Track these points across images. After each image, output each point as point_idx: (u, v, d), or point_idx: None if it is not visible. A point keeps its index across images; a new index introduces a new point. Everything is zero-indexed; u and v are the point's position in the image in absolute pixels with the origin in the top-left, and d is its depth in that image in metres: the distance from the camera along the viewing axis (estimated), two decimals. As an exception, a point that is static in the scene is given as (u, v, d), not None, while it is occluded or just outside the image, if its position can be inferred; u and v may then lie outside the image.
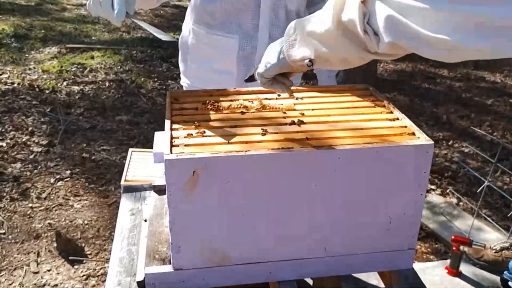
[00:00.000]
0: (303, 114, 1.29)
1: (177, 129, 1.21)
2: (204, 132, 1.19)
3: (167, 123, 1.23)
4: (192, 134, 1.18)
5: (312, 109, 1.32)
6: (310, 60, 0.97)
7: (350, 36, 0.87)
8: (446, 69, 5.53)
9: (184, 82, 1.92)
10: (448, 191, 3.30)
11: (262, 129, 1.20)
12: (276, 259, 1.22)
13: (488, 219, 2.79)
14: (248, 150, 1.10)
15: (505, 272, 2.25)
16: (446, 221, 2.92)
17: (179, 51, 1.92)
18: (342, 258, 1.25)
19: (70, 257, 2.59)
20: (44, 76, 4.76)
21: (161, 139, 1.18)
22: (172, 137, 1.17)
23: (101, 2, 1.28)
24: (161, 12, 7.20)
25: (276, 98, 1.39)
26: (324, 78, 1.94)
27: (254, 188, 1.12)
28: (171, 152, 1.10)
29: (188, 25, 1.85)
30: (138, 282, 1.25)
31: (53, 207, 3.02)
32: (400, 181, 1.17)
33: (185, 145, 1.14)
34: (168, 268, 1.21)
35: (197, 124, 1.23)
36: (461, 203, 3.16)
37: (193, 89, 1.45)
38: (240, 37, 1.71)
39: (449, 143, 3.90)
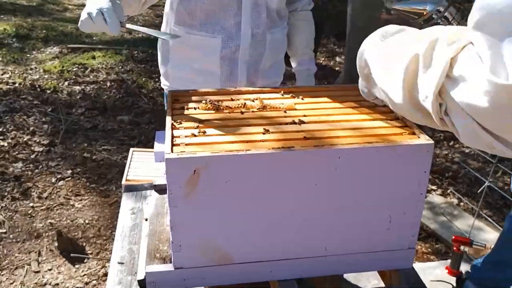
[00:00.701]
0: (304, 114, 1.29)
1: (178, 128, 1.21)
2: (205, 131, 1.20)
3: (168, 122, 1.23)
4: (193, 134, 1.18)
5: (313, 109, 1.33)
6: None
7: (425, 113, 0.87)
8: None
9: (165, 84, 1.90)
10: (448, 191, 3.31)
11: (264, 128, 1.20)
12: (277, 258, 1.22)
13: (489, 219, 2.79)
14: (248, 150, 1.10)
15: (467, 270, 2.25)
16: (447, 221, 2.92)
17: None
18: (342, 258, 1.25)
19: (72, 254, 2.60)
20: (46, 76, 4.76)
21: (162, 138, 1.18)
22: (173, 136, 1.17)
23: (93, 18, 1.29)
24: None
25: (277, 98, 1.40)
26: (302, 78, 1.94)
27: (254, 187, 1.12)
28: (172, 151, 1.10)
29: (168, 26, 1.83)
30: (139, 281, 1.25)
31: (54, 206, 3.03)
32: (400, 181, 1.17)
33: (186, 144, 1.14)
34: (168, 267, 1.21)
35: (198, 123, 1.23)
36: (461, 204, 3.17)
37: (193, 89, 1.45)
38: (222, 37, 1.71)
39: (450, 144, 3.90)
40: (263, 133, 1.18)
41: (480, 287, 2.10)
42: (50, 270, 2.56)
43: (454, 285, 2.31)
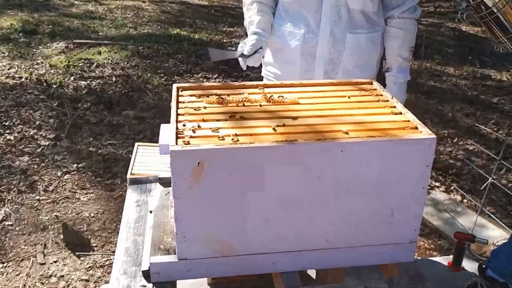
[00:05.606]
0: (307, 108, 1.31)
1: (182, 121, 1.23)
2: (209, 124, 1.21)
3: (173, 115, 1.25)
4: (197, 126, 1.20)
5: (317, 103, 1.34)
6: None
7: None
8: (452, 67, 5.51)
9: (264, 71, 2.07)
10: (452, 188, 3.31)
11: (276, 125, 1.21)
12: (279, 251, 1.24)
13: (492, 216, 2.79)
14: (252, 143, 1.12)
15: (486, 259, 2.24)
16: (450, 218, 2.93)
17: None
18: (344, 250, 1.26)
19: (77, 253, 2.63)
20: (52, 71, 4.78)
21: (167, 131, 1.20)
22: (177, 129, 1.19)
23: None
24: (168, 8, 7.22)
25: (281, 92, 1.41)
26: (390, 84, 1.95)
27: (258, 180, 1.14)
28: (177, 144, 1.12)
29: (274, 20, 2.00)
30: (143, 271, 1.27)
31: (60, 199, 3.05)
32: (402, 175, 1.18)
33: (191, 137, 1.15)
34: (172, 258, 1.23)
35: (202, 116, 1.25)
36: (465, 200, 3.17)
37: (199, 83, 1.47)
38: (304, 31, 1.82)
39: (454, 141, 3.90)
40: (271, 127, 1.19)
41: (501, 276, 2.10)
42: (55, 262, 2.58)
43: (477, 274, 2.30)
